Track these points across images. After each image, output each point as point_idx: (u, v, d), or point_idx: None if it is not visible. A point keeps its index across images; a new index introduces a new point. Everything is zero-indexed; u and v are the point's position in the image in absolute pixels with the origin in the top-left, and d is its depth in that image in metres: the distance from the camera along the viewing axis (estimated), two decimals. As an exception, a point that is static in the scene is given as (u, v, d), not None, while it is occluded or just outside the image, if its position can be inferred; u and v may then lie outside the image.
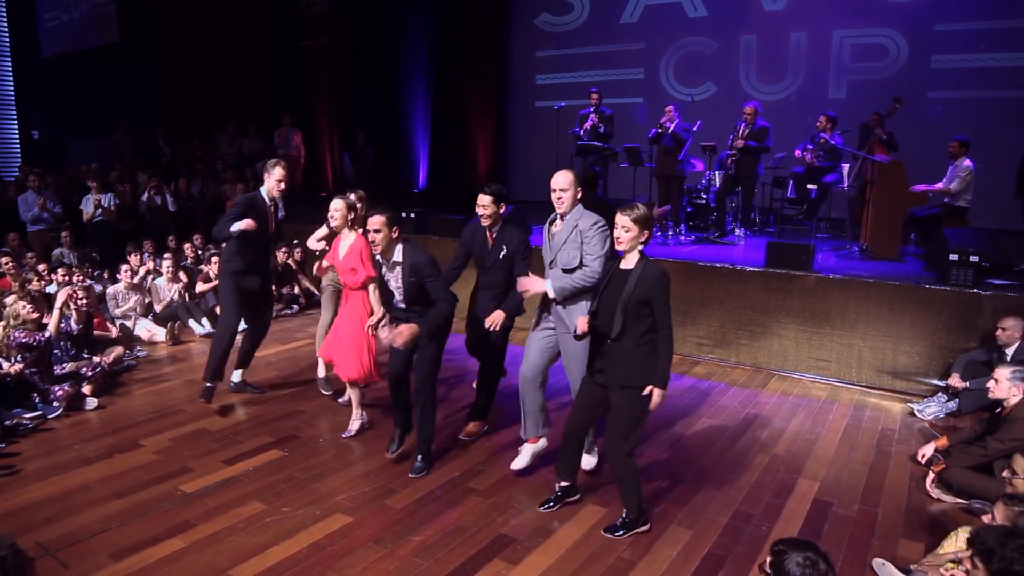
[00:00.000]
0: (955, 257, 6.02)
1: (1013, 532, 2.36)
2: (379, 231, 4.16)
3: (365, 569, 3.50)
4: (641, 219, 3.54)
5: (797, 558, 2.18)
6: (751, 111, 8.42)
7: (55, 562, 3.56)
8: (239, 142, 11.90)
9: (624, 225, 3.54)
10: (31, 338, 5.38)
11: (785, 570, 2.17)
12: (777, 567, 2.21)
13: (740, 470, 4.62)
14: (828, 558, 2.22)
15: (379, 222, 4.15)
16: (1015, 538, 2.31)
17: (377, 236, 4.17)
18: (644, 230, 3.56)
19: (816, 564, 2.17)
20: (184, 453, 4.78)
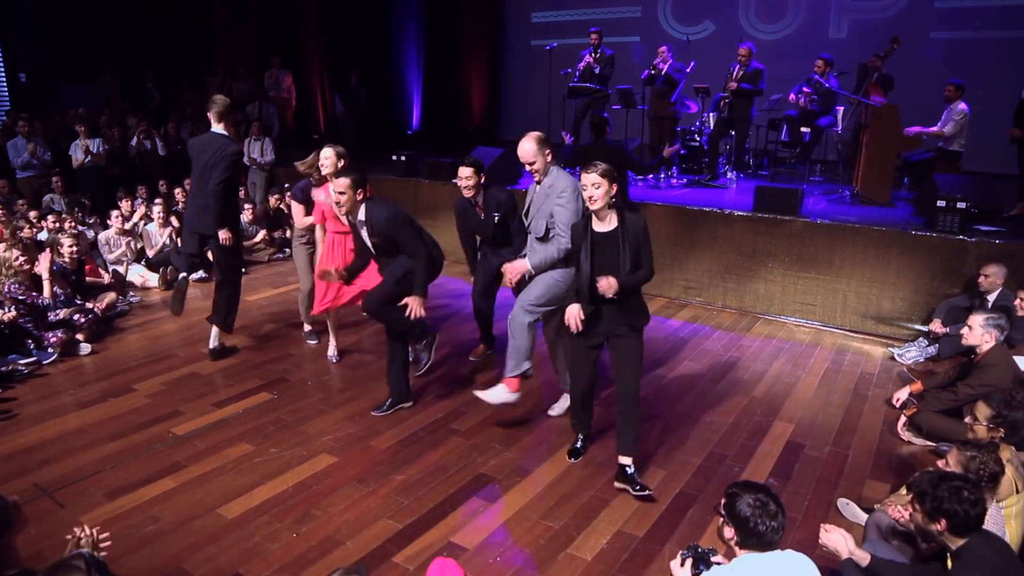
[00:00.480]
0: (942, 203, 6.02)
1: (946, 476, 2.45)
2: (343, 193, 4.18)
3: (348, 507, 3.64)
4: (608, 173, 3.52)
5: (748, 499, 2.26)
6: (745, 52, 8.27)
7: (52, 502, 3.70)
8: (229, 84, 11.72)
9: (594, 183, 3.50)
10: (27, 296, 5.44)
11: (737, 511, 2.26)
12: (730, 508, 2.30)
13: (717, 412, 4.74)
14: (779, 500, 2.31)
15: (344, 184, 4.17)
16: (947, 481, 2.41)
17: (342, 198, 4.20)
18: (613, 183, 3.55)
19: (766, 505, 2.26)
20: (176, 397, 4.89)
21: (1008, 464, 3.10)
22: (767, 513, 2.23)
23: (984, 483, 2.68)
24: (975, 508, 2.37)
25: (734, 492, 2.32)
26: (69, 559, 2.10)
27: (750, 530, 2.23)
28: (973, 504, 2.36)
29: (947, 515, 2.38)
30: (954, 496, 2.37)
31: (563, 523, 3.50)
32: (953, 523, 2.39)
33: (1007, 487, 3.06)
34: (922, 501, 2.46)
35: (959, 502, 2.36)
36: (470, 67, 14.62)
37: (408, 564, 3.18)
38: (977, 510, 2.37)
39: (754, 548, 2.26)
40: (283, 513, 3.59)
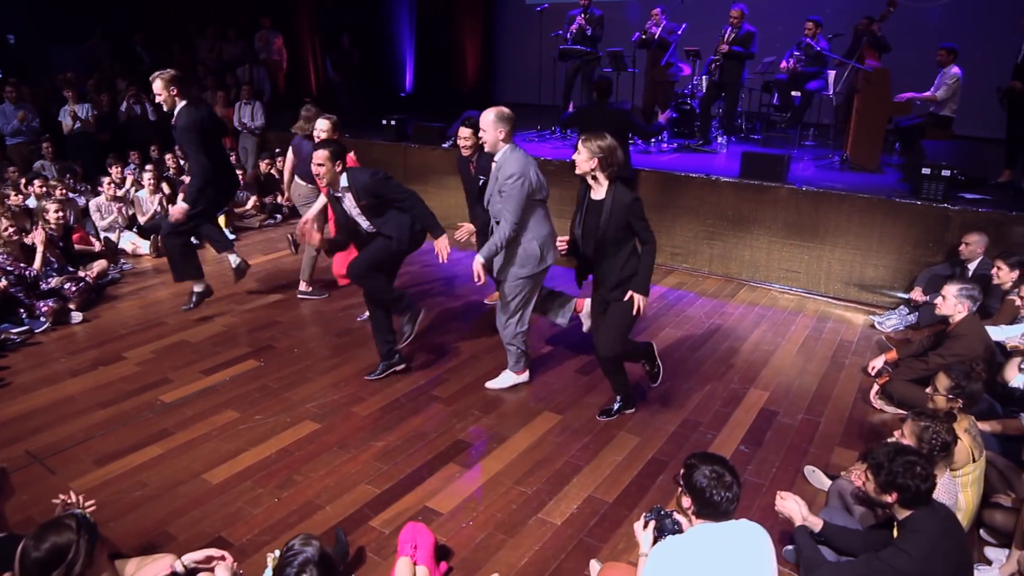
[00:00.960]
0: (927, 171, 6.03)
1: (902, 449, 2.54)
2: (322, 165, 4.23)
3: (329, 472, 3.76)
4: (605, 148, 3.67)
5: (705, 470, 2.34)
6: (737, 14, 8.18)
7: (43, 469, 3.82)
8: (219, 47, 11.60)
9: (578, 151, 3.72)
10: (15, 267, 5.51)
11: (694, 481, 2.34)
12: (687, 479, 2.38)
13: (695, 379, 4.83)
14: (735, 471, 2.39)
15: (322, 156, 4.23)
16: (902, 455, 2.49)
17: (321, 170, 4.25)
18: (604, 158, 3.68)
19: (722, 476, 2.33)
20: (165, 364, 5.00)
21: (966, 433, 3.20)
22: (722, 484, 2.31)
23: (936, 453, 2.77)
24: (926, 483, 2.46)
25: (691, 463, 2.40)
26: (61, 518, 2.21)
27: (706, 500, 2.31)
28: (924, 479, 2.45)
29: (899, 489, 2.47)
30: (908, 471, 2.46)
31: (536, 488, 3.62)
32: (904, 496, 2.49)
33: (963, 456, 3.17)
34: (877, 473, 2.54)
35: (912, 477, 2.45)
36: (464, 28, 14.42)
37: (384, 528, 3.30)
38: (928, 485, 2.46)
39: (709, 517, 2.34)
40: (266, 478, 3.71)
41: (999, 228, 5.70)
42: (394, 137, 9.12)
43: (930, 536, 2.43)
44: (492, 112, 4.08)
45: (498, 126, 4.05)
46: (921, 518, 2.47)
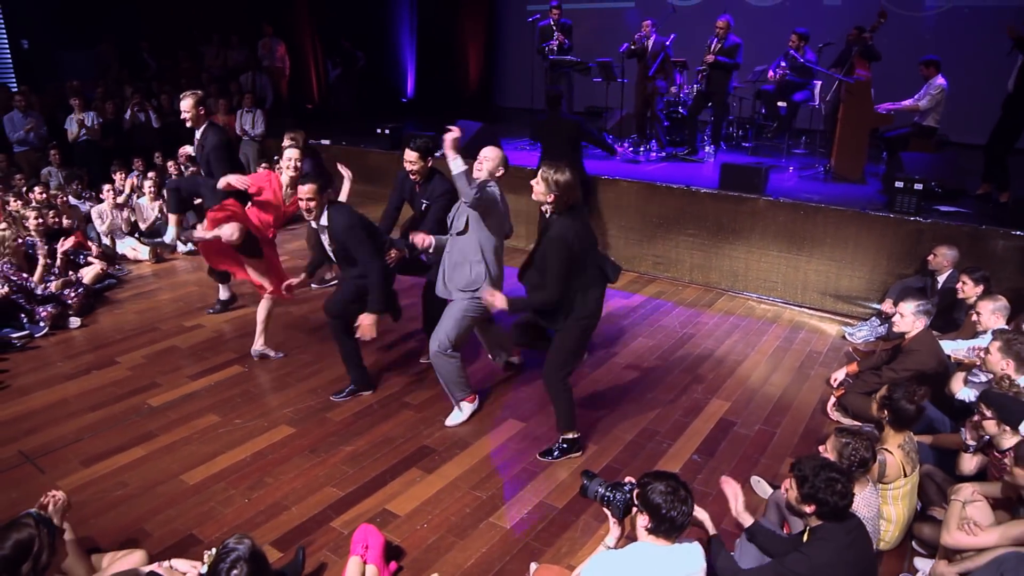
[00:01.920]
0: (900, 184, 6.15)
1: (827, 465, 2.69)
2: (312, 199, 4.26)
3: (298, 475, 3.98)
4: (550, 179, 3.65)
5: (660, 487, 2.46)
6: (723, 25, 8.31)
7: (34, 468, 4.07)
8: (224, 54, 11.88)
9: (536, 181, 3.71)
10: (19, 277, 5.77)
11: (650, 500, 2.46)
12: (643, 498, 2.49)
13: (659, 389, 5.00)
14: (687, 486, 2.52)
15: (310, 191, 4.24)
16: (827, 471, 2.64)
17: (311, 204, 4.26)
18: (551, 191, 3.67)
19: (677, 491, 2.45)
20: (154, 369, 5.24)
21: (899, 449, 3.36)
22: (678, 499, 2.43)
23: (855, 469, 2.94)
24: (844, 500, 2.62)
25: (646, 482, 2.51)
26: (19, 518, 2.43)
27: (663, 516, 2.42)
28: (843, 496, 2.61)
29: (818, 502, 2.63)
30: (829, 487, 2.61)
31: (490, 493, 3.81)
32: (821, 510, 2.65)
33: (894, 471, 3.33)
34: (800, 485, 2.69)
35: (832, 494, 2.61)
36: (466, 32, 14.60)
37: (344, 529, 3.51)
38: (845, 502, 2.62)
39: (664, 534, 2.46)
40: (239, 480, 3.94)
41: (970, 241, 5.81)
42: (388, 146, 9.33)
43: (836, 545, 2.60)
44: (499, 151, 4.26)
45: (500, 164, 4.21)
46: (829, 528, 2.64)
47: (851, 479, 2.71)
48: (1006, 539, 2.85)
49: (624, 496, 2.65)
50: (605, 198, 7.51)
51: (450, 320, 4.25)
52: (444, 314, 4.31)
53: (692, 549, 2.53)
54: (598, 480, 2.75)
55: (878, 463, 3.31)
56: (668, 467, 4.07)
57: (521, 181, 7.95)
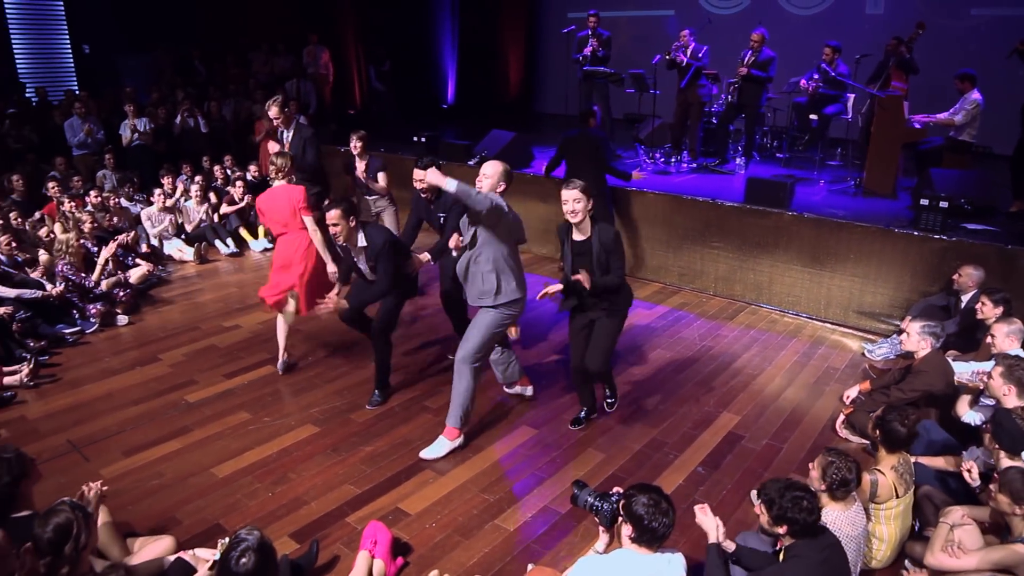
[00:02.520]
0: (925, 201, 6.14)
1: (791, 485, 2.79)
2: (337, 224, 4.46)
3: (319, 472, 4.23)
4: (586, 189, 4.10)
5: (643, 499, 2.61)
6: (758, 39, 8.34)
7: (80, 456, 4.41)
8: (271, 61, 12.33)
9: (575, 198, 4.05)
10: (77, 277, 6.16)
11: (633, 511, 2.62)
12: (627, 509, 2.65)
13: (672, 401, 5.13)
14: (669, 500, 2.67)
15: (335, 216, 4.44)
16: (791, 490, 2.76)
17: (336, 229, 4.49)
18: (591, 198, 4.12)
19: (659, 504, 2.61)
20: (193, 367, 5.57)
21: (892, 471, 3.44)
22: (660, 511, 2.59)
23: (836, 488, 3.04)
24: (811, 516, 2.74)
25: (631, 494, 2.67)
26: (55, 505, 2.70)
27: (645, 527, 2.58)
28: (810, 512, 2.73)
29: (788, 522, 2.76)
30: (795, 506, 2.73)
31: (498, 496, 4.00)
32: (793, 529, 2.77)
33: (886, 491, 3.41)
34: (769, 508, 2.82)
35: (799, 511, 2.73)
36: (507, 39, 14.81)
37: (357, 524, 3.74)
38: (813, 518, 2.74)
39: (647, 543, 2.62)
40: (264, 475, 4.20)
41: (996, 261, 5.78)
42: (424, 153, 9.58)
43: (808, 563, 2.72)
44: (501, 165, 4.37)
45: (501, 179, 4.33)
46: (803, 546, 2.76)
47: (815, 495, 2.80)
48: (986, 563, 2.92)
49: (611, 506, 2.81)
50: (632, 209, 7.64)
51: (477, 330, 4.37)
52: (472, 324, 4.44)
53: (673, 559, 2.67)
54: (588, 490, 2.92)
55: (870, 483, 3.40)
56: (672, 478, 4.21)
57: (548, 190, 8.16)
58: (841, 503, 3.08)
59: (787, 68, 10.00)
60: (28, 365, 5.24)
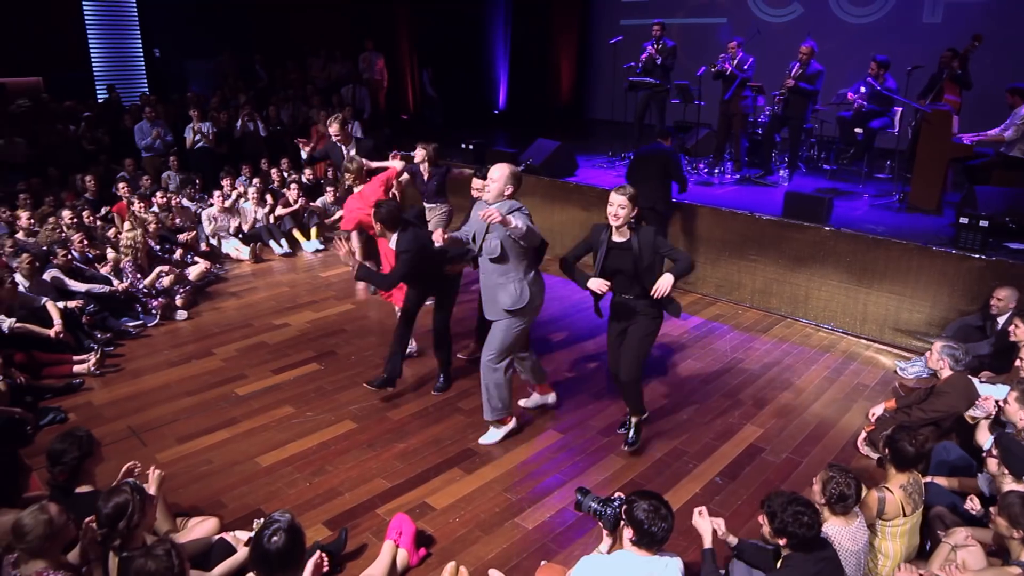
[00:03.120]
0: (965, 220, 6.10)
1: (794, 500, 2.91)
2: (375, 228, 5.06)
3: (354, 466, 4.51)
4: (634, 197, 4.16)
5: (644, 505, 2.80)
6: (807, 51, 8.33)
7: (138, 441, 4.79)
8: (329, 67, 12.79)
9: (620, 204, 4.13)
10: (133, 276, 6.60)
11: (634, 515, 2.81)
12: (628, 513, 2.84)
13: (697, 411, 5.25)
14: (668, 506, 2.85)
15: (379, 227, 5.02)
16: (793, 505, 2.89)
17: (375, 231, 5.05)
18: (635, 206, 4.19)
19: (658, 510, 2.79)
20: (244, 362, 5.94)
21: (900, 489, 3.52)
22: (659, 516, 2.77)
23: (834, 502, 3.15)
24: (811, 531, 2.87)
25: (632, 499, 2.86)
26: (120, 485, 3.03)
27: (644, 531, 2.77)
28: (810, 528, 2.87)
29: (788, 535, 2.90)
30: (796, 521, 2.87)
31: (519, 496, 4.21)
32: (792, 542, 2.92)
33: (893, 509, 3.50)
34: (771, 520, 2.97)
35: (799, 526, 2.87)
36: (559, 45, 14.99)
37: (386, 516, 3.99)
38: (812, 533, 2.87)
39: (646, 546, 2.81)
40: (304, 466, 4.51)
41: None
42: (472, 160, 9.86)
43: (802, 572, 2.85)
44: (508, 168, 4.46)
45: (508, 183, 4.40)
46: (798, 558, 2.90)
47: (816, 512, 2.92)
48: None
49: (613, 511, 3.00)
50: (672, 220, 7.73)
51: (499, 332, 4.55)
52: (493, 327, 4.61)
53: (671, 563, 2.84)
54: (591, 496, 3.12)
55: (878, 500, 3.50)
56: (689, 487, 4.36)
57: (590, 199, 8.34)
58: (842, 518, 3.19)
59: (840, 77, 9.93)
60: (95, 355, 5.68)
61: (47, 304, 5.81)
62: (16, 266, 6.00)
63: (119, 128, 10.31)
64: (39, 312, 5.77)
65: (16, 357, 5.33)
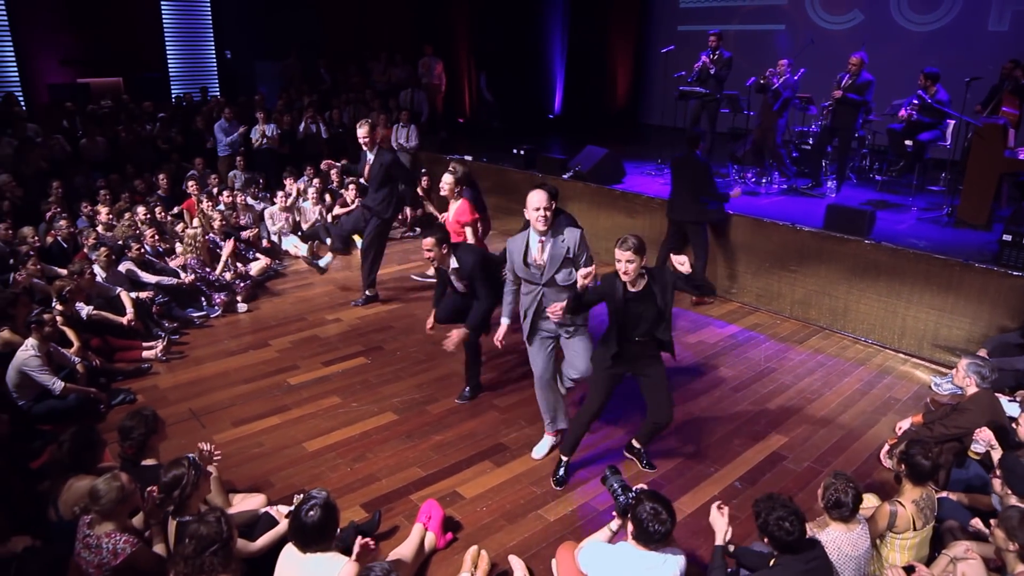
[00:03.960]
0: (1008, 237, 6.06)
1: (780, 504, 3.04)
2: (431, 251, 5.00)
3: (393, 455, 4.83)
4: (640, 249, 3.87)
5: (648, 506, 3.02)
6: (857, 62, 8.31)
7: (198, 423, 5.22)
8: (389, 71, 13.24)
9: (628, 259, 3.85)
10: (201, 270, 7.10)
11: (637, 513, 3.04)
12: (634, 510, 3.07)
13: (724, 418, 5.39)
14: (671, 509, 3.05)
15: (429, 243, 4.98)
16: (779, 509, 3.04)
17: (430, 254, 5.03)
18: (643, 256, 3.92)
19: (659, 514, 3.00)
20: (297, 353, 6.34)
21: (912, 504, 3.63)
22: (659, 520, 3.00)
23: (830, 507, 3.30)
24: (790, 536, 3.02)
25: (640, 498, 3.10)
26: (179, 459, 3.40)
27: (642, 529, 3.02)
28: (789, 533, 3.02)
29: (770, 536, 3.08)
30: (777, 525, 3.04)
31: (544, 490, 4.46)
32: (774, 543, 3.09)
33: (904, 522, 3.61)
34: (756, 519, 3.16)
35: (779, 530, 3.03)
36: (615, 50, 15.14)
37: (418, 502, 4.28)
38: (792, 538, 3.02)
39: (644, 542, 3.04)
40: (346, 452, 4.85)
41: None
42: (523, 165, 10.12)
43: (792, 571, 3.02)
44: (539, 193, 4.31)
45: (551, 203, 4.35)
46: (787, 559, 3.06)
47: (800, 518, 3.06)
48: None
49: (626, 500, 3.25)
50: (714, 229, 7.85)
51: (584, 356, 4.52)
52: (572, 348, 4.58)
53: (670, 560, 3.05)
54: (618, 477, 3.40)
55: (890, 513, 3.62)
56: (708, 489, 4.53)
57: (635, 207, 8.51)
58: (843, 524, 3.33)
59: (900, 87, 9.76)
60: (162, 342, 6.17)
61: (121, 294, 6.34)
62: (95, 258, 6.54)
63: (191, 128, 10.94)
64: (114, 301, 6.31)
65: (92, 342, 5.85)
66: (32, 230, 7.02)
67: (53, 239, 7.21)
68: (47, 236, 7.29)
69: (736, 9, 13.85)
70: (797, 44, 9.89)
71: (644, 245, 3.92)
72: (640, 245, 3.88)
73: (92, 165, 9.68)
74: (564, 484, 4.54)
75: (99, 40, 12.24)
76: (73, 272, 6.09)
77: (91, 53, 12.22)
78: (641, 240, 3.91)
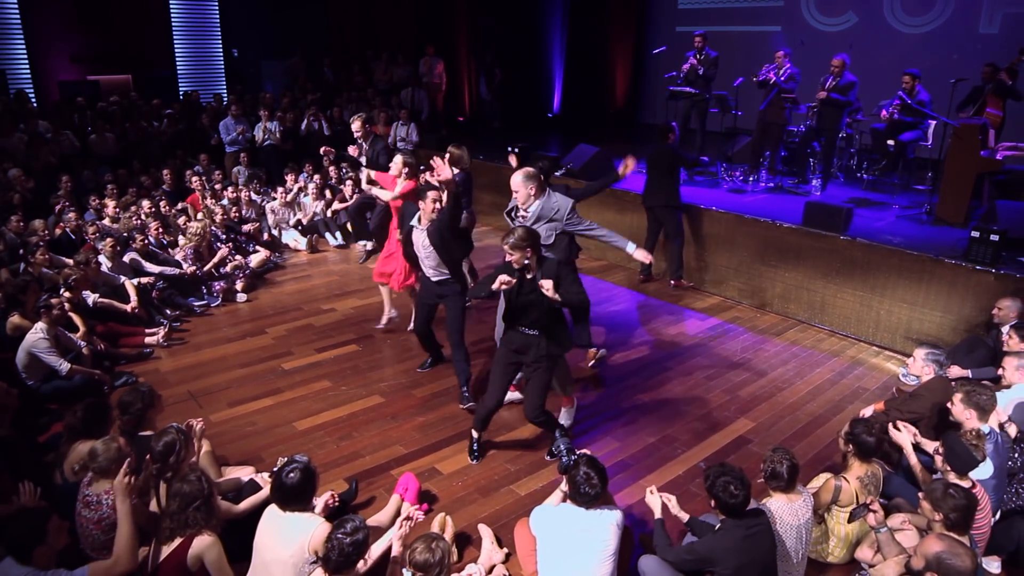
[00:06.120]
0: (976, 234, 6.27)
1: (728, 471, 3.31)
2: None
3: (377, 434, 5.11)
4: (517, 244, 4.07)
5: (583, 470, 3.33)
6: (839, 64, 8.53)
7: (195, 404, 5.52)
8: (391, 70, 13.53)
9: (508, 253, 4.10)
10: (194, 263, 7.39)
11: (573, 475, 3.35)
12: (571, 472, 3.37)
13: (695, 404, 5.64)
14: (604, 475, 3.36)
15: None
16: (725, 475, 3.30)
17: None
18: (526, 249, 4.09)
19: (591, 479, 3.30)
20: (292, 341, 6.64)
21: (857, 480, 3.89)
22: (590, 483, 3.31)
23: (768, 478, 3.56)
24: (733, 500, 3.28)
25: (578, 461, 3.40)
26: (167, 428, 3.68)
27: (576, 491, 3.33)
28: (733, 497, 3.28)
29: (715, 499, 3.34)
30: (724, 490, 3.30)
31: (518, 468, 4.73)
32: (719, 505, 3.35)
33: (847, 497, 3.88)
34: (705, 482, 3.43)
35: (724, 493, 3.30)
36: (614, 50, 15.35)
37: (398, 476, 4.56)
38: (736, 501, 3.28)
39: (577, 503, 3.35)
40: (334, 431, 5.14)
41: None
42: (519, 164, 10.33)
43: (733, 536, 3.28)
44: (520, 173, 4.91)
45: (528, 184, 4.94)
46: (732, 523, 3.32)
47: (746, 485, 3.32)
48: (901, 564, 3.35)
49: (567, 462, 3.55)
50: (699, 225, 8.09)
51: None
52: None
53: (605, 514, 3.34)
54: (566, 440, 3.74)
55: (835, 488, 3.88)
56: (674, 469, 4.79)
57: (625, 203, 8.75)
58: (784, 494, 3.58)
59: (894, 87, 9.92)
60: (164, 329, 6.48)
61: (125, 283, 6.65)
62: (101, 248, 6.85)
63: (196, 125, 11.25)
64: (119, 289, 6.63)
65: (98, 327, 6.16)
66: (42, 222, 7.35)
67: (62, 231, 7.52)
68: (56, 228, 7.61)
69: (734, 11, 14.06)
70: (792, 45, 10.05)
71: (530, 238, 4.08)
72: (520, 241, 4.04)
73: (100, 160, 10.00)
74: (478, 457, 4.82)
75: (109, 39, 12.58)
76: (80, 262, 6.41)
77: (101, 51, 12.57)
78: (527, 233, 4.09)
